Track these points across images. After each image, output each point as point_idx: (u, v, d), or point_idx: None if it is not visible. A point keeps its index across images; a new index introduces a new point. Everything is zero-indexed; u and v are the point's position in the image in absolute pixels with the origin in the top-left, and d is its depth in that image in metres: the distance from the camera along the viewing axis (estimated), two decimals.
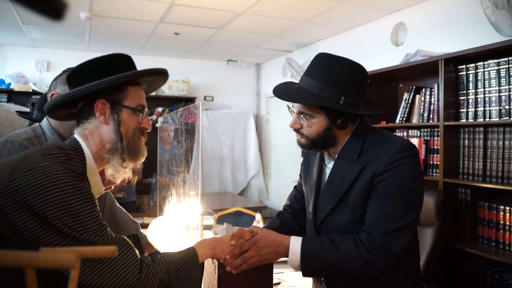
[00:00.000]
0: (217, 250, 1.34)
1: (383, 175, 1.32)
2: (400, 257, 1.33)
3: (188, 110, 2.27)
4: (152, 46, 5.46)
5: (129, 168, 1.27)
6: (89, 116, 1.22)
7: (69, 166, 1.06)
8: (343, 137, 1.43)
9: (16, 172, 1.00)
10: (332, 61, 1.38)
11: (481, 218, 2.64)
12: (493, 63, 2.59)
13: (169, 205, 2.47)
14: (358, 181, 1.37)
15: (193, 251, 1.27)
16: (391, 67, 3.28)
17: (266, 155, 6.56)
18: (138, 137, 1.27)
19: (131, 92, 1.24)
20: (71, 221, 1.00)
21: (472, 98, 2.73)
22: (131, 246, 1.11)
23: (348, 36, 4.52)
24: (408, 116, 3.26)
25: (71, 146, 1.17)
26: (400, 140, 1.38)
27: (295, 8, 3.77)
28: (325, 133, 1.39)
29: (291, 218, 1.71)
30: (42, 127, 1.68)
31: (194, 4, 3.72)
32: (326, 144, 1.42)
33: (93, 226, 1.04)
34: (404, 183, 1.32)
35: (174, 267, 1.18)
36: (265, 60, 6.47)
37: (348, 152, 1.42)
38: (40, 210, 0.97)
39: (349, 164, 1.40)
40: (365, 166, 1.36)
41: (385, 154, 1.33)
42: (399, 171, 1.32)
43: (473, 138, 2.72)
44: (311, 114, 1.38)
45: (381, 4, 3.63)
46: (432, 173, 3.00)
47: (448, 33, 3.27)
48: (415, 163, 1.36)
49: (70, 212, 1.00)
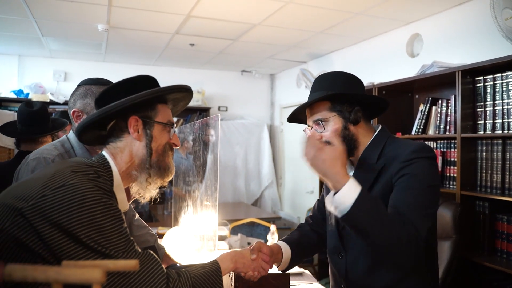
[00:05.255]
0: (239, 264, 1.36)
1: (401, 171, 1.35)
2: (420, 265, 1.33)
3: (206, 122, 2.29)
4: (167, 57, 5.52)
5: (155, 186, 1.29)
6: (121, 134, 1.24)
7: (98, 184, 1.08)
8: (363, 139, 1.48)
9: (47, 188, 1.02)
10: (329, 74, 1.53)
11: (499, 231, 2.60)
12: (511, 74, 2.57)
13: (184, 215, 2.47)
14: (378, 183, 1.40)
15: (216, 264, 1.29)
16: (407, 78, 3.27)
17: (280, 166, 6.55)
18: (167, 153, 1.29)
19: (161, 109, 1.27)
20: (100, 237, 1.02)
21: (490, 110, 2.70)
22: (157, 261, 1.14)
23: (363, 47, 4.52)
24: (424, 127, 3.24)
25: (99, 163, 1.19)
26: (418, 143, 1.43)
27: (310, 19, 3.79)
28: (344, 132, 1.45)
29: (310, 230, 1.73)
30: (70, 141, 1.70)
31: (210, 16, 3.76)
32: (350, 146, 1.46)
33: (121, 242, 1.06)
34: (423, 177, 1.33)
35: (199, 281, 1.20)
36: (279, 71, 6.49)
37: (369, 156, 1.46)
38: (70, 227, 0.98)
39: (369, 167, 1.44)
40: (383, 167, 1.40)
41: (403, 154, 1.37)
42: (416, 167, 1.34)
43: (491, 150, 2.68)
44: (325, 118, 1.46)
45: (396, 15, 3.63)
46: (449, 185, 2.97)
47: (464, 45, 3.25)
48: (432, 164, 1.38)
49: (99, 229, 1.02)
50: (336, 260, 1.52)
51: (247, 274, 1.36)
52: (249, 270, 1.36)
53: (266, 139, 6.46)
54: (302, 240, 1.66)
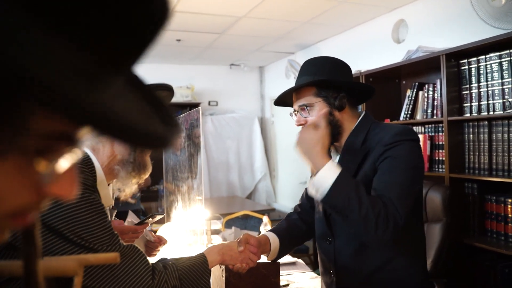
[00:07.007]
0: (226, 257, 1.37)
1: (384, 154, 1.36)
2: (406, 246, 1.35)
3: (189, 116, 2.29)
4: (154, 53, 5.49)
5: (135, 181, 1.30)
6: None
7: (80, 179, 1.08)
8: (347, 125, 1.49)
9: None
10: (317, 59, 1.54)
11: (489, 212, 2.63)
12: (495, 56, 2.58)
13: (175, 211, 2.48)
14: (363, 167, 1.42)
15: (203, 257, 1.30)
16: (393, 64, 3.28)
17: (273, 158, 6.57)
18: (145, 150, 1.30)
19: None
20: (83, 232, 1.03)
21: (475, 92, 2.72)
22: (142, 254, 1.15)
23: (350, 35, 4.52)
24: (412, 112, 3.26)
25: (81, 160, 1.19)
26: (401, 126, 1.45)
27: (294, 10, 3.78)
28: (329, 118, 1.46)
29: (298, 219, 1.75)
30: None
31: (194, 11, 3.75)
32: (334, 132, 1.48)
33: (105, 236, 1.07)
34: (406, 159, 1.35)
35: (185, 273, 1.21)
36: (268, 63, 6.48)
37: (353, 141, 1.47)
38: (53, 223, 0.99)
39: (353, 152, 1.45)
40: (368, 152, 1.42)
41: (386, 137, 1.38)
42: (399, 150, 1.35)
43: (478, 132, 2.70)
44: (310, 104, 1.47)
45: (381, 2, 3.63)
46: (438, 169, 2.99)
47: (449, 29, 3.26)
48: (415, 146, 1.40)
49: (82, 223, 1.03)
50: (325, 246, 1.54)
51: (235, 266, 1.37)
52: (237, 262, 1.37)
53: (257, 131, 6.46)
54: (290, 229, 1.68)
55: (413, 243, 1.47)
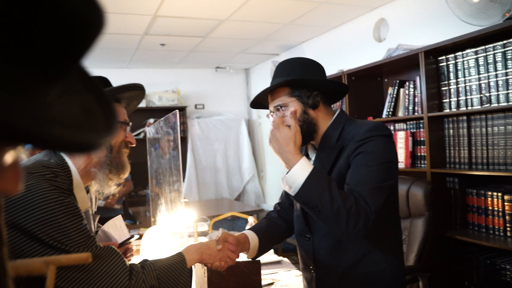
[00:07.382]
0: (205, 255, 1.38)
1: (357, 150, 1.39)
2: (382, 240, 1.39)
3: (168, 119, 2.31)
4: (139, 58, 5.49)
5: (113, 182, 1.31)
6: None
7: (55, 183, 1.09)
8: (322, 123, 1.52)
9: None
10: (289, 60, 1.55)
11: (470, 205, 2.68)
12: (471, 52, 2.63)
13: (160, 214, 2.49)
14: (337, 163, 1.44)
15: (181, 256, 1.31)
16: (375, 62, 3.32)
17: (260, 159, 6.59)
18: (122, 151, 1.32)
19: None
20: (58, 235, 1.03)
21: (453, 88, 2.77)
22: (119, 255, 1.15)
23: (332, 35, 4.56)
24: (394, 110, 3.30)
25: (57, 164, 1.20)
26: (374, 122, 1.47)
27: (276, 11, 3.81)
28: (303, 116, 1.49)
29: (277, 217, 1.77)
30: None
31: (176, 15, 3.76)
32: (309, 130, 1.50)
33: (81, 238, 1.08)
34: (378, 154, 1.37)
35: (163, 272, 1.22)
36: (253, 65, 6.51)
37: (329, 138, 1.50)
38: (28, 226, 1.00)
39: (329, 149, 1.48)
40: (342, 148, 1.45)
41: (359, 133, 1.41)
42: (371, 145, 1.38)
43: (457, 127, 2.75)
44: (285, 104, 1.50)
45: (361, 1, 3.67)
46: (420, 164, 3.04)
47: (428, 26, 3.31)
48: (388, 141, 1.42)
49: (57, 226, 1.03)
50: (304, 242, 1.56)
51: (214, 264, 1.38)
52: (216, 260, 1.38)
53: (244, 133, 6.48)
54: (269, 227, 1.70)
55: (388, 237, 1.50)
